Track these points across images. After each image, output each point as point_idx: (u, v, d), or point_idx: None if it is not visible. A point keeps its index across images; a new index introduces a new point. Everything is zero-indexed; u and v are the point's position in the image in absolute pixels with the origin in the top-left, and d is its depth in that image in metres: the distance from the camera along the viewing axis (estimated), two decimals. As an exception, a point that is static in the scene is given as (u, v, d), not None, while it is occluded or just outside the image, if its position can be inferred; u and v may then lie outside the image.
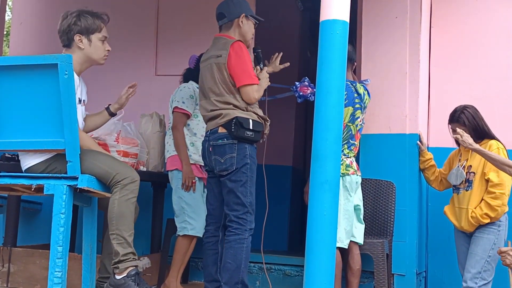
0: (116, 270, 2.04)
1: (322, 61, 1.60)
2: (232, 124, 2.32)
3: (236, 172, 2.33)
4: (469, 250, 2.63)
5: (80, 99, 2.24)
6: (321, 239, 1.49)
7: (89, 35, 2.18)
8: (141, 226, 2.98)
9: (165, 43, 3.68)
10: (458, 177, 2.69)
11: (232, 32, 2.46)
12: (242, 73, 2.34)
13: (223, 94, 2.37)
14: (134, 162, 2.88)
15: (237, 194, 2.33)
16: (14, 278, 2.79)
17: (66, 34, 2.19)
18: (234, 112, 2.33)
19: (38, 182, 2.02)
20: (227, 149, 2.34)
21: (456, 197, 2.74)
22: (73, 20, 2.17)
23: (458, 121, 2.71)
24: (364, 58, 3.15)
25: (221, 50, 2.40)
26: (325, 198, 1.50)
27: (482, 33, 3.31)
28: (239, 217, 2.33)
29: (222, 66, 2.37)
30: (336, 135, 1.55)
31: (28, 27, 3.96)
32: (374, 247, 2.73)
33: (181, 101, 2.84)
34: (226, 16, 2.47)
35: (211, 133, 2.40)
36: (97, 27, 2.19)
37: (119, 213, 2.04)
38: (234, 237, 2.32)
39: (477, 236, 2.62)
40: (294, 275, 3.10)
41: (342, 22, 1.60)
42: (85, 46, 2.19)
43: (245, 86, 2.34)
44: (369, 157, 3.00)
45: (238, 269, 2.29)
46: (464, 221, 2.65)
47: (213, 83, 2.39)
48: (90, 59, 2.21)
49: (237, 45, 2.36)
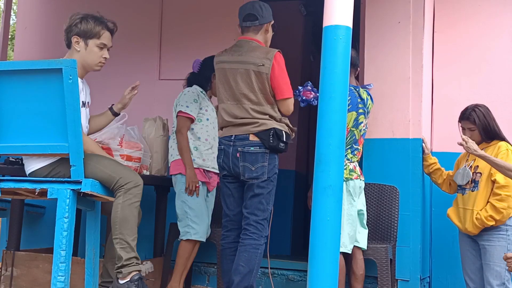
0: (119, 274, 2.04)
1: (325, 66, 1.60)
2: (270, 135, 2.35)
3: (266, 180, 2.37)
4: (484, 261, 2.58)
5: (84, 102, 2.25)
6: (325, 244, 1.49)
7: (86, 39, 2.18)
8: (144, 230, 2.98)
9: (168, 47, 3.69)
10: (465, 177, 2.66)
11: (259, 36, 2.46)
12: (284, 86, 2.38)
13: (261, 103, 2.38)
14: (137, 166, 2.88)
15: (262, 201, 2.36)
16: (17, 282, 2.79)
17: (67, 34, 2.21)
18: (272, 123, 2.37)
19: (41, 186, 2.02)
20: (259, 157, 2.36)
21: (460, 198, 2.71)
22: (75, 22, 2.19)
23: (468, 118, 2.68)
24: (367, 62, 3.16)
25: (262, 59, 2.37)
26: (329, 203, 1.50)
27: (485, 37, 3.31)
28: (258, 222, 2.34)
29: (264, 76, 2.36)
30: (339, 140, 1.55)
31: (33, 31, 3.98)
32: (377, 252, 2.72)
33: (185, 105, 2.85)
34: (258, 19, 2.44)
35: (238, 139, 2.38)
36: (96, 32, 2.18)
37: (123, 218, 2.04)
38: (251, 241, 2.33)
39: (488, 245, 2.58)
40: (297, 280, 3.09)
41: (345, 28, 1.60)
42: (81, 49, 2.20)
43: (286, 100, 2.39)
44: (372, 161, 2.99)
45: (250, 273, 2.29)
46: (469, 222, 2.61)
47: (249, 90, 2.38)
48: (85, 64, 2.21)
49: (279, 57, 2.39)
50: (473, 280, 2.67)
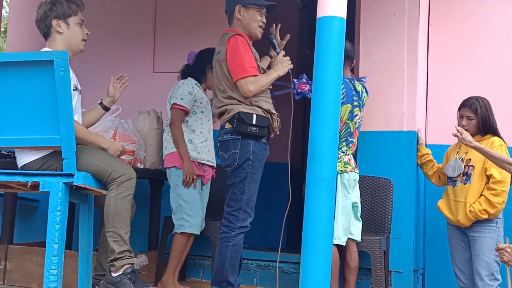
0: (112, 267, 2.04)
1: (319, 57, 1.59)
2: (235, 120, 2.30)
3: (237, 167, 2.31)
4: (473, 252, 2.60)
5: (76, 87, 2.24)
6: (318, 236, 1.49)
7: (66, 19, 2.19)
8: (139, 224, 2.97)
9: (163, 40, 3.66)
10: (456, 169, 2.66)
11: (235, 26, 2.44)
12: (236, 68, 2.32)
13: (226, 90, 2.36)
14: (131, 160, 2.87)
15: (234, 190, 2.31)
16: (11, 275, 2.78)
17: (44, 21, 2.20)
18: (238, 107, 2.32)
19: (33, 179, 2.01)
20: (230, 144, 2.32)
21: (451, 190, 2.71)
22: (49, 7, 2.19)
23: (470, 106, 2.68)
24: (362, 55, 3.15)
25: (220, 46, 2.39)
26: (322, 195, 1.49)
27: (481, 30, 3.31)
28: (231, 214, 2.31)
29: (222, 62, 2.36)
30: (333, 132, 1.55)
31: (25, 23, 3.93)
32: (371, 244, 2.72)
33: (180, 98, 2.83)
34: (227, 11, 2.46)
35: (220, 129, 2.40)
36: (72, 11, 2.20)
37: (115, 211, 2.03)
38: (221, 235, 2.32)
39: (478, 236, 2.59)
40: (292, 272, 3.10)
41: (339, 19, 1.59)
42: (64, 30, 2.19)
43: (238, 80, 2.32)
44: (366, 154, 2.99)
45: (221, 267, 2.28)
46: (461, 214, 2.62)
47: (217, 80, 2.40)
48: (70, 44, 2.19)
49: (233, 39, 2.34)
50: (462, 271, 2.69)
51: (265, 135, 2.36)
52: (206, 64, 2.92)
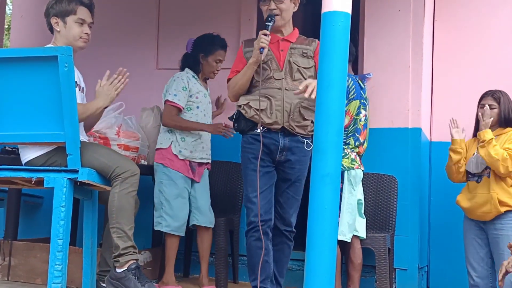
0: (117, 263, 2.04)
1: (323, 53, 1.57)
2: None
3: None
4: (496, 250, 2.55)
5: (80, 86, 2.23)
6: (322, 233, 1.47)
7: (64, 17, 2.19)
8: (143, 220, 2.97)
9: (166, 36, 3.65)
10: (479, 164, 2.62)
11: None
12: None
13: None
14: (135, 156, 2.87)
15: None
16: (15, 271, 2.79)
17: (46, 18, 2.22)
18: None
19: (38, 175, 2.01)
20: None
21: (473, 185, 2.64)
22: (51, 4, 2.21)
23: (493, 95, 2.66)
24: (366, 51, 3.13)
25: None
26: (326, 191, 1.48)
27: (486, 26, 3.28)
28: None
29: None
30: (338, 128, 1.53)
31: (29, 20, 3.94)
32: (376, 241, 2.72)
33: (173, 94, 2.75)
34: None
35: None
36: (71, 9, 2.19)
37: (119, 207, 2.03)
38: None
39: (501, 235, 2.54)
40: (296, 270, 3.09)
41: (344, 14, 1.57)
42: (61, 29, 2.20)
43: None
44: (371, 151, 2.98)
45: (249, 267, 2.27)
46: (490, 205, 2.54)
47: None
48: (68, 42, 2.18)
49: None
50: (475, 269, 2.65)
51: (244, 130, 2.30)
52: (199, 52, 2.84)
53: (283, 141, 2.27)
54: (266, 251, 2.19)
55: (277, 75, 2.28)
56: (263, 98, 2.25)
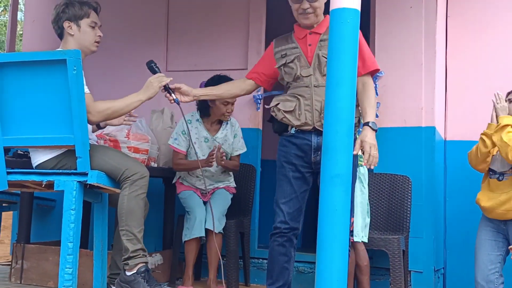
0: (126, 266, 2.03)
1: (332, 51, 1.54)
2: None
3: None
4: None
5: None
6: (333, 235, 1.44)
7: (77, 21, 2.19)
8: (153, 223, 2.97)
9: (175, 38, 3.65)
10: (505, 163, 2.52)
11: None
12: None
13: None
14: (145, 158, 2.87)
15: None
16: (28, 274, 2.81)
17: (57, 23, 2.22)
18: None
19: (48, 179, 2.01)
20: None
21: (494, 183, 2.54)
22: (62, 9, 2.21)
23: None
24: (378, 49, 3.08)
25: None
26: (337, 192, 1.45)
27: (501, 21, 3.20)
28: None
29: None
30: (348, 127, 1.50)
31: (41, 24, 3.98)
32: (389, 243, 2.66)
33: (174, 137, 2.90)
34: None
35: None
36: (85, 13, 2.20)
37: (129, 209, 2.03)
38: None
39: None
40: (308, 272, 3.05)
41: (353, 11, 1.54)
42: (75, 33, 2.20)
43: None
44: (384, 151, 2.89)
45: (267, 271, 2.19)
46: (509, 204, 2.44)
47: None
48: (82, 46, 2.20)
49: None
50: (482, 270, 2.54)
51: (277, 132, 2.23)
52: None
53: (316, 140, 2.12)
54: (287, 258, 2.12)
55: (305, 72, 2.11)
56: (292, 98, 2.12)
